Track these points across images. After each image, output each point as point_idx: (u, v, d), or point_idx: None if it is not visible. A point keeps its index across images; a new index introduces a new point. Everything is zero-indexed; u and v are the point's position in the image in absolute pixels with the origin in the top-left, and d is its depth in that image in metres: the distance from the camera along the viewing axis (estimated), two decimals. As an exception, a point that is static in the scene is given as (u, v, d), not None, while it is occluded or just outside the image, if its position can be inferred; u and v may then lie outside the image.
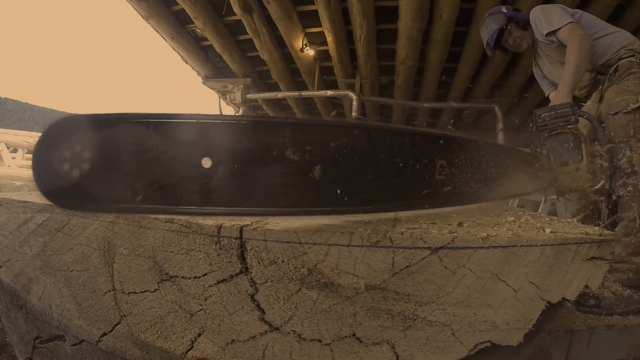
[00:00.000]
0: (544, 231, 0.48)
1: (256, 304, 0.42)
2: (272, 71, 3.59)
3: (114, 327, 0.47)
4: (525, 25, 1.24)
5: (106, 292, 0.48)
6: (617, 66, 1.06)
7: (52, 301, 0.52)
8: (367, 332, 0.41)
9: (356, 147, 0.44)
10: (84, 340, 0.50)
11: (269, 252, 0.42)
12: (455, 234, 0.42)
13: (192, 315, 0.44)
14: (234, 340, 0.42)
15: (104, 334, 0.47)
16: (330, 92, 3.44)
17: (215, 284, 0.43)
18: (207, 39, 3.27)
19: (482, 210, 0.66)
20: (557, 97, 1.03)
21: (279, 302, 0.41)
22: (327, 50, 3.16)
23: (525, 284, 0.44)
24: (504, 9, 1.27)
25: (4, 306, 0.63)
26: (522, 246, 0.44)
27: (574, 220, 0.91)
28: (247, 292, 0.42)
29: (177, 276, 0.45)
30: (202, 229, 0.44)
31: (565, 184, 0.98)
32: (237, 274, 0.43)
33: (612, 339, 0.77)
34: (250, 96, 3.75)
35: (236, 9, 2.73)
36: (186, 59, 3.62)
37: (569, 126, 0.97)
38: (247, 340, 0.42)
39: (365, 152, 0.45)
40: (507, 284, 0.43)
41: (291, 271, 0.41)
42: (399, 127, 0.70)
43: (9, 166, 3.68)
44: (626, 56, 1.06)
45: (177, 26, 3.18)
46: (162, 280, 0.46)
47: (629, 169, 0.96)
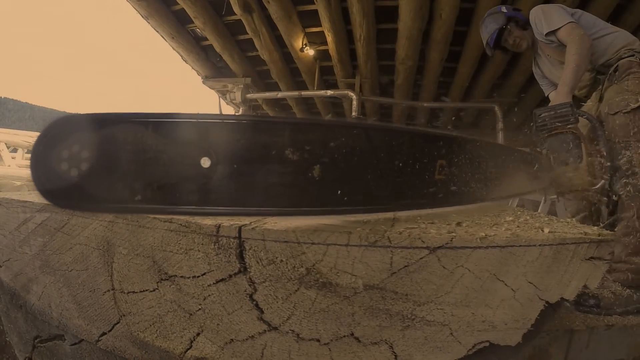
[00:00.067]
0: (543, 231, 0.48)
1: (255, 303, 0.42)
2: (272, 71, 3.59)
3: (113, 327, 0.47)
4: (525, 25, 1.23)
5: (105, 292, 0.48)
6: (617, 66, 1.06)
7: (52, 301, 0.52)
8: (365, 331, 0.41)
9: (355, 146, 0.44)
10: (83, 339, 0.50)
11: (268, 252, 0.42)
12: (453, 234, 0.42)
13: (191, 314, 0.44)
14: (232, 339, 0.42)
15: (104, 334, 0.47)
16: (330, 92, 3.44)
17: (214, 284, 0.43)
18: (207, 39, 3.27)
19: (481, 210, 0.66)
20: (557, 97, 1.03)
21: (278, 302, 0.41)
22: (327, 50, 3.15)
23: (523, 284, 0.44)
24: (503, 9, 1.27)
25: (3, 306, 0.63)
26: (520, 246, 0.44)
27: (573, 220, 0.91)
28: (245, 291, 0.42)
29: (176, 276, 0.45)
30: (201, 229, 0.44)
31: (564, 183, 0.98)
32: (235, 274, 0.43)
33: (611, 338, 0.77)
34: (250, 96, 3.75)
35: (236, 8, 2.73)
36: (186, 58, 3.62)
37: (569, 126, 0.97)
38: (246, 339, 0.42)
39: (364, 152, 0.45)
40: (506, 284, 0.43)
41: (290, 271, 0.41)
42: (399, 127, 0.70)
43: (9, 166, 3.68)
44: (626, 56, 1.06)
45: (177, 26, 3.18)
46: (161, 279, 0.46)
47: (629, 169, 0.96)
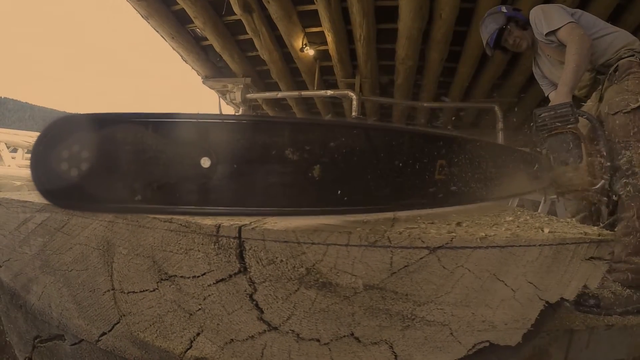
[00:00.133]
0: (543, 231, 0.48)
1: (255, 303, 0.42)
2: (272, 71, 3.59)
3: (113, 327, 0.47)
4: (525, 24, 1.23)
5: (105, 292, 0.48)
6: (617, 66, 1.06)
7: (52, 301, 0.52)
8: (365, 331, 0.41)
9: (355, 146, 0.44)
10: (83, 339, 0.50)
11: (268, 252, 0.42)
12: (453, 234, 0.42)
13: (191, 314, 0.44)
14: (232, 339, 0.42)
15: (104, 334, 0.47)
16: (330, 92, 3.44)
17: (214, 284, 0.43)
18: (207, 39, 3.27)
19: (481, 210, 0.66)
20: (557, 96, 1.03)
21: (278, 302, 0.41)
22: (327, 49, 3.15)
23: (523, 284, 0.44)
24: (503, 9, 1.27)
25: (3, 306, 0.63)
26: (520, 246, 0.44)
27: (573, 220, 0.91)
28: (245, 291, 0.42)
29: (176, 276, 0.45)
30: (201, 229, 0.44)
31: (564, 183, 0.98)
32: (235, 274, 0.43)
33: (611, 338, 0.77)
34: (250, 96, 3.75)
35: (236, 8, 2.73)
36: (186, 58, 3.62)
37: (569, 126, 0.96)
38: (246, 339, 0.42)
39: (364, 152, 0.45)
40: (506, 284, 0.43)
41: (289, 271, 0.41)
42: (398, 127, 0.69)
43: (9, 166, 3.68)
44: (626, 56, 1.06)
45: (177, 26, 3.18)
46: (161, 279, 0.46)
47: (629, 169, 0.96)
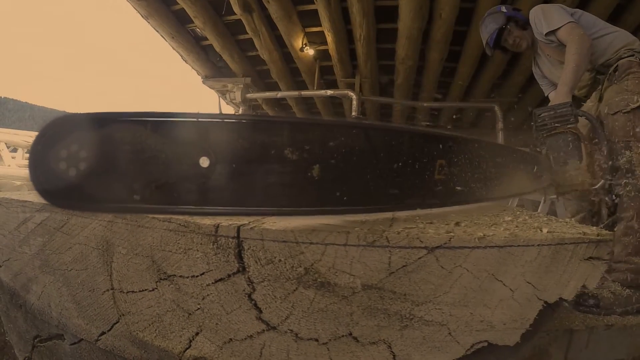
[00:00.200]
0: (541, 231, 0.48)
1: (253, 303, 0.42)
2: (271, 71, 3.59)
3: (112, 326, 0.47)
4: (524, 24, 1.23)
5: (105, 291, 0.49)
6: (617, 66, 1.06)
7: (51, 300, 0.53)
8: (363, 331, 0.41)
9: (355, 146, 0.44)
10: (82, 339, 0.50)
11: (266, 252, 0.42)
12: (452, 234, 0.42)
13: (189, 314, 0.44)
14: (231, 339, 0.42)
15: (103, 333, 0.48)
16: (330, 92, 3.44)
17: (212, 283, 0.43)
18: (207, 39, 3.27)
19: (480, 210, 0.66)
20: (557, 96, 1.03)
21: (276, 302, 0.42)
22: (327, 49, 3.15)
23: (522, 284, 0.44)
24: (503, 9, 1.27)
25: (3, 305, 0.63)
26: (519, 246, 0.44)
27: (572, 220, 0.91)
28: (244, 291, 0.42)
29: (175, 275, 0.45)
30: (199, 229, 0.44)
31: (564, 183, 0.98)
32: (234, 273, 0.43)
33: (611, 338, 0.77)
34: (250, 96, 3.75)
35: (236, 8, 2.73)
36: (186, 58, 3.62)
37: (569, 126, 0.96)
38: (245, 339, 0.42)
39: (363, 152, 0.45)
40: (504, 284, 0.43)
41: (288, 270, 0.41)
42: (398, 127, 0.69)
43: (9, 166, 3.68)
44: (626, 56, 1.06)
45: (177, 25, 3.18)
46: (160, 279, 0.46)
47: (629, 169, 0.96)
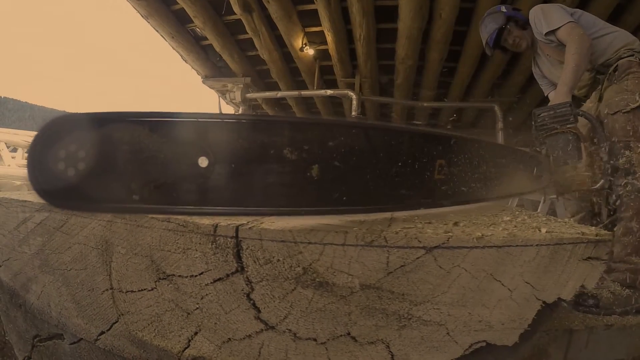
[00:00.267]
0: (540, 231, 0.47)
1: (252, 302, 0.42)
2: (271, 70, 3.58)
3: (111, 326, 0.47)
4: (524, 24, 1.23)
5: (104, 291, 0.49)
6: (617, 66, 1.06)
7: (51, 300, 0.53)
8: (362, 331, 0.41)
9: (354, 146, 0.44)
10: (82, 338, 0.50)
11: (265, 251, 0.42)
12: (450, 234, 0.42)
13: (188, 313, 0.44)
14: (230, 338, 0.42)
15: (102, 333, 0.48)
16: (330, 92, 3.44)
17: (211, 283, 0.43)
18: (206, 38, 3.27)
19: (479, 209, 0.66)
20: (557, 96, 1.03)
21: (275, 301, 0.42)
22: (327, 49, 3.15)
23: (520, 284, 0.44)
24: (503, 9, 1.27)
25: (3, 305, 0.63)
26: (517, 246, 0.44)
27: (571, 220, 0.91)
28: (242, 290, 0.43)
29: (174, 275, 0.45)
30: (198, 228, 0.44)
31: (564, 183, 0.98)
32: (233, 273, 0.43)
33: (610, 338, 0.76)
34: (249, 95, 3.75)
35: (236, 8, 2.72)
36: (186, 58, 3.62)
37: (568, 126, 0.96)
38: (243, 338, 0.42)
39: (363, 152, 0.45)
40: (503, 284, 0.43)
41: (286, 270, 0.41)
42: (398, 126, 0.69)
43: (9, 165, 3.68)
44: (625, 56, 1.06)
45: (177, 25, 3.18)
46: (159, 279, 0.46)
47: (629, 169, 0.96)
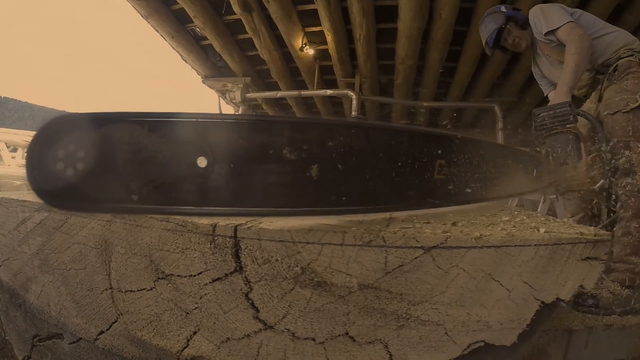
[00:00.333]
0: (539, 231, 0.47)
1: (250, 302, 0.42)
2: (271, 70, 3.58)
3: (111, 325, 0.47)
4: (524, 24, 1.23)
5: (103, 291, 0.49)
6: (617, 66, 1.06)
7: (51, 299, 0.53)
8: (360, 330, 0.41)
9: (354, 146, 0.44)
10: (81, 338, 0.50)
11: (263, 251, 0.42)
12: (448, 234, 0.42)
13: (187, 313, 0.44)
14: (228, 338, 0.42)
15: (102, 332, 0.48)
16: (329, 92, 3.44)
17: (210, 283, 0.44)
18: (206, 38, 3.27)
19: (478, 209, 0.66)
20: (556, 96, 1.03)
21: (273, 301, 0.42)
22: (327, 49, 3.15)
23: (519, 284, 0.44)
24: (503, 8, 1.27)
25: (3, 305, 0.63)
26: (515, 246, 0.44)
27: (570, 220, 0.91)
28: (241, 290, 0.43)
29: (173, 275, 0.45)
30: (197, 228, 0.45)
31: (564, 183, 0.98)
32: (231, 273, 0.43)
33: (610, 339, 0.76)
34: (249, 95, 3.74)
35: (236, 8, 2.72)
36: (186, 58, 3.62)
37: (568, 125, 0.96)
38: (242, 338, 0.42)
39: (362, 152, 0.45)
40: (501, 284, 0.43)
41: (285, 270, 0.42)
42: (397, 126, 0.69)
43: (9, 165, 3.69)
44: (625, 56, 1.06)
45: (177, 25, 3.18)
46: (158, 278, 0.46)
47: (629, 169, 0.96)
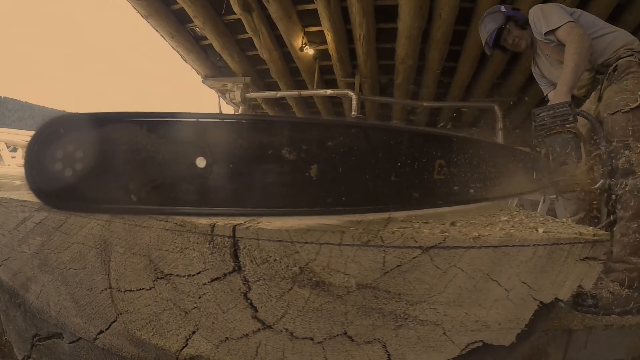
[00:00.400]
0: (537, 231, 0.47)
1: (249, 302, 0.42)
2: (271, 70, 3.59)
3: (110, 325, 0.47)
4: (524, 24, 1.23)
5: (103, 290, 0.49)
6: (616, 65, 1.06)
7: (50, 299, 0.53)
8: (358, 330, 0.41)
9: (353, 146, 0.44)
10: (81, 337, 0.50)
11: (262, 251, 0.42)
12: (446, 234, 0.42)
13: (186, 313, 0.44)
14: (227, 337, 0.43)
15: (101, 332, 0.48)
16: (329, 91, 3.44)
17: (208, 282, 0.44)
18: (206, 38, 3.27)
19: (477, 209, 0.66)
20: (556, 96, 1.03)
21: (272, 300, 0.42)
22: (327, 49, 3.15)
23: (517, 284, 0.44)
24: (502, 8, 1.27)
25: (2, 304, 0.63)
26: (514, 246, 0.44)
27: (569, 220, 0.91)
28: (240, 290, 0.43)
29: (172, 274, 0.45)
30: (196, 228, 0.45)
31: (564, 183, 0.98)
32: (230, 272, 0.43)
33: (610, 339, 0.76)
34: (249, 95, 3.75)
35: (236, 8, 2.73)
36: (186, 58, 3.62)
37: (568, 125, 0.96)
38: (241, 337, 0.42)
39: (362, 152, 0.45)
40: (499, 284, 0.43)
41: (283, 270, 0.42)
42: (397, 126, 0.69)
43: (9, 165, 3.69)
44: (625, 55, 1.06)
45: (177, 25, 3.18)
46: (157, 278, 0.46)
47: (628, 169, 0.96)
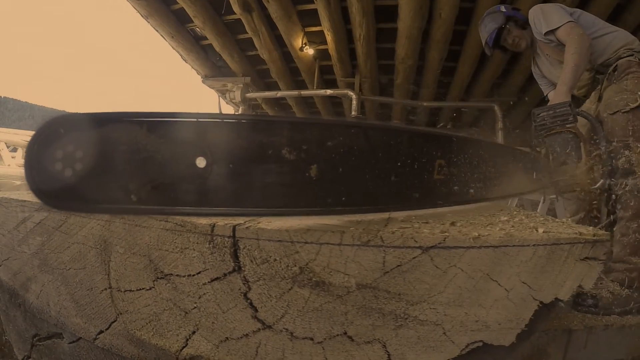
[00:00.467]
0: (537, 231, 0.48)
1: (249, 302, 0.42)
2: (271, 70, 3.58)
3: (110, 325, 0.47)
4: (524, 24, 1.23)
5: (103, 290, 0.49)
6: (616, 65, 1.06)
7: (50, 299, 0.53)
8: (358, 330, 0.41)
9: (353, 146, 0.44)
10: (81, 337, 0.50)
11: (262, 251, 0.42)
12: (446, 234, 0.42)
13: (186, 313, 0.44)
14: (227, 337, 0.43)
15: (101, 332, 0.48)
16: (329, 91, 3.44)
17: (208, 282, 0.44)
18: (206, 38, 3.27)
19: (477, 209, 0.66)
20: (556, 96, 1.03)
21: (271, 300, 0.42)
22: (327, 49, 3.15)
23: (517, 284, 0.44)
24: (502, 8, 1.27)
25: (2, 304, 0.63)
26: (514, 246, 0.44)
27: (569, 220, 0.91)
28: (240, 290, 0.43)
29: (172, 274, 0.45)
30: (196, 228, 0.45)
31: (564, 183, 0.98)
32: (230, 272, 0.43)
33: (610, 339, 0.76)
34: (249, 95, 3.74)
35: (236, 8, 2.73)
36: (186, 58, 3.62)
37: (568, 125, 0.96)
38: (240, 337, 0.42)
39: (362, 152, 0.45)
40: (499, 284, 0.43)
41: (283, 270, 0.42)
42: (397, 126, 0.69)
43: (9, 165, 3.68)
44: (625, 55, 1.06)
45: (177, 25, 3.18)
46: (157, 278, 0.46)
47: (628, 169, 0.96)
